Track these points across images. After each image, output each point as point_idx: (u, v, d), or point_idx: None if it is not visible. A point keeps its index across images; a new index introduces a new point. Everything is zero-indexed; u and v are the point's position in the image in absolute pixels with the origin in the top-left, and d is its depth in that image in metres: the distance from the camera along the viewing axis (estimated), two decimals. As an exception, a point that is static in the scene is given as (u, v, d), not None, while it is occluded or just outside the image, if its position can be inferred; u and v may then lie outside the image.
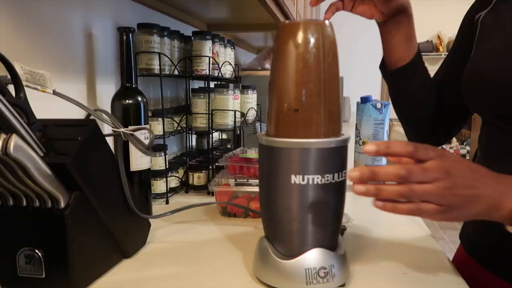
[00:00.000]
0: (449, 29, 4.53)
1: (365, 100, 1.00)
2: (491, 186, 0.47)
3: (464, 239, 0.74)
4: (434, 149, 0.47)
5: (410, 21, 0.71)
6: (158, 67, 0.91)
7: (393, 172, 0.45)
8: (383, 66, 0.79)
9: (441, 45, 4.59)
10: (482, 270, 0.66)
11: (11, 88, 0.48)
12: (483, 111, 0.65)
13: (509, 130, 0.60)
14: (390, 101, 0.87)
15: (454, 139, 4.49)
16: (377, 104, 0.98)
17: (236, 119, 1.05)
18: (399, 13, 0.70)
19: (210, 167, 1.02)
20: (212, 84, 1.09)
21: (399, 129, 4.77)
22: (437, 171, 0.45)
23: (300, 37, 0.51)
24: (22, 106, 0.47)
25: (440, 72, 0.82)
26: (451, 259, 0.67)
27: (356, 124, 0.99)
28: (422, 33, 4.65)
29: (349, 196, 0.52)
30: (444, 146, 4.36)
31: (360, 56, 3.53)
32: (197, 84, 1.28)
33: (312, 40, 0.51)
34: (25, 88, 0.49)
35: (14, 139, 0.43)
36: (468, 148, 4.27)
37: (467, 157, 4.18)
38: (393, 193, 0.45)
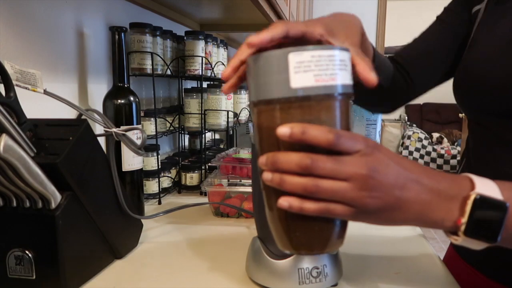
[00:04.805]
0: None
1: (357, 100, 1.00)
2: (427, 190, 0.38)
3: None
4: (365, 140, 0.37)
5: None
6: (151, 67, 0.91)
7: (296, 161, 0.35)
8: None
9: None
10: (469, 268, 0.66)
11: (0, 87, 0.48)
12: (475, 111, 0.65)
13: (495, 130, 0.60)
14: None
15: (445, 139, 4.51)
16: (369, 105, 0.98)
17: (229, 119, 1.05)
18: None
19: (202, 167, 1.02)
20: (205, 84, 1.09)
21: (391, 129, 4.80)
22: (357, 166, 0.35)
23: None
24: (12, 106, 0.47)
25: (412, 51, 0.80)
26: (442, 258, 0.68)
27: (348, 125, 1.00)
28: (411, 35, 4.67)
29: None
30: (435, 147, 4.39)
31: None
32: (189, 84, 1.27)
33: None
34: (16, 88, 0.49)
35: (4, 139, 0.42)
36: (459, 148, 4.30)
37: (458, 158, 4.21)
38: (297, 185, 0.36)
